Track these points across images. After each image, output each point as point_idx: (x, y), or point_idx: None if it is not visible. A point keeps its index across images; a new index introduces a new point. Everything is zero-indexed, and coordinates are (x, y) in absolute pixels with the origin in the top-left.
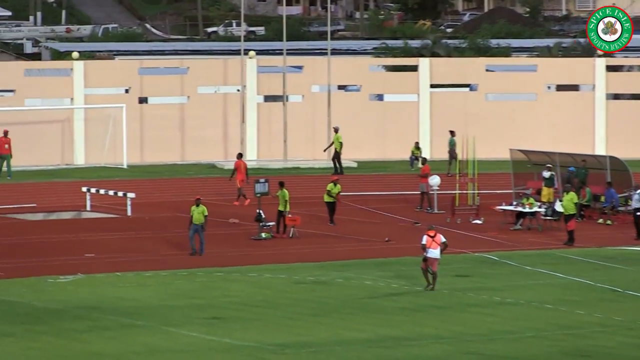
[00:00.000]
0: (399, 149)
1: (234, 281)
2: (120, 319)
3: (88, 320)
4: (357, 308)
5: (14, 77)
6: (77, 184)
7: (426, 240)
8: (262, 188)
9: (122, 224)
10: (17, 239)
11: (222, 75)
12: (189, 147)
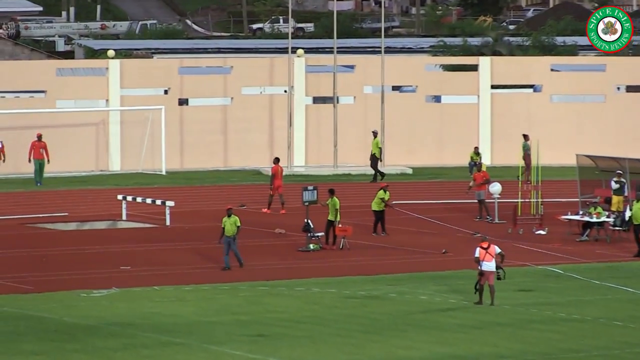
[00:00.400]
0: (457, 154)
1: (280, 296)
2: (157, 336)
3: (123, 337)
4: (412, 324)
5: (45, 77)
6: (112, 191)
7: (479, 252)
8: (311, 196)
9: (160, 234)
10: (48, 250)
11: (268, 75)
12: (232, 152)
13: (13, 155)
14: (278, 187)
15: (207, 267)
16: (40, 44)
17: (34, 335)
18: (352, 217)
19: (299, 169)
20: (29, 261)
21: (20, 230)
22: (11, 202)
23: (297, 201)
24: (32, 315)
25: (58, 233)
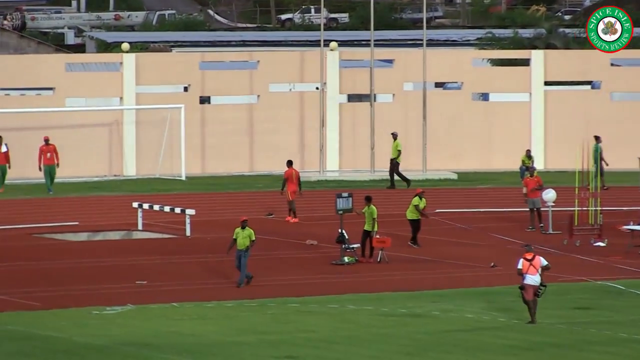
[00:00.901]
0: (507, 158)
1: (312, 313)
2: (177, 358)
3: (138, 359)
4: (457, 345)
5: (54, 73)
6: (127, 198)
7: (522, 264)
8: (345, 204)
9: (179, 245)
10: (56, 263)
11: (298, 71)
12: (258, 155)
13: (19, 159)
14: (293, 192)
15: (230, 282)
16: (48, 37)
17: (41, 356)
18: (390, 227)
19: (332, 174)
20: (36, 275)
21: (26, 241)
22: (17, 211)
23: (330, 209)
24: (39, 335)
25: (68, 244)
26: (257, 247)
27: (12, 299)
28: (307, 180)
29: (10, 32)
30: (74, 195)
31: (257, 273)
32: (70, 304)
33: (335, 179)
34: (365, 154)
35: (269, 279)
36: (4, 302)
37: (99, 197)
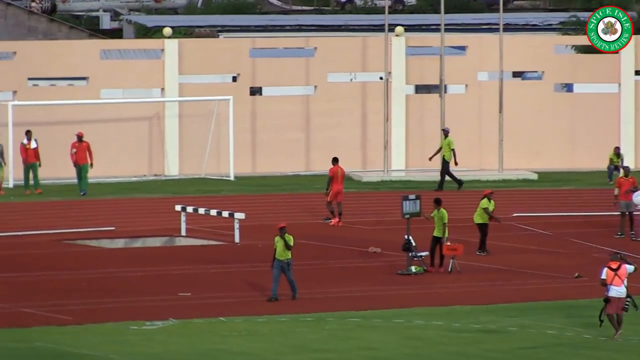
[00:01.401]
0: (593, 156)
1: (374, 329)
2: None
3: None
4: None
5: (87, 61)
6: (168, 201)
7: (607, 274)
8: (412, 207)
9: (227, 253)
10: (91, 272)
11: (360, 59)
12: (315, 152)
13: (48, 157)
14: (338, 194)
15: (284, 294)
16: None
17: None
18: (461, 233)
19: (397, 174)
20: (67, 286)
21: (56, 248)
22: (47, 214)
23: (395, 213)
24: (71, 352)
25: (103, 251)
26: (314, 256)
27: (41, 313)
28: (370, 181)
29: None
30: (110, 198)
31: (313, 284)
32: (105, 319)
33: (400, 179)
34: (434, 151)
35: (327, 291)
36: (32, 316)
37: (138, 199)
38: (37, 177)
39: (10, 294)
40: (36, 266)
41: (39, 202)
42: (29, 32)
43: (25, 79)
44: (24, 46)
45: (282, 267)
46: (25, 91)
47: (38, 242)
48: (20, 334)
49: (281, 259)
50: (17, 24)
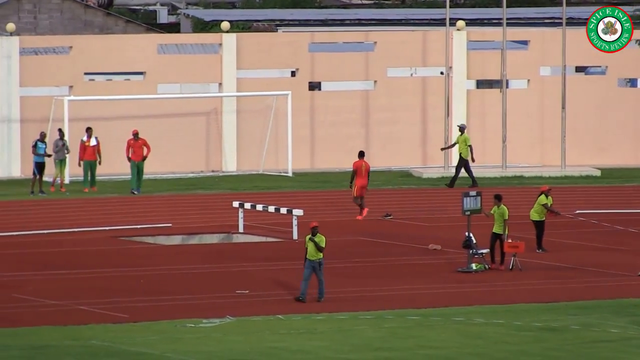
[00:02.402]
0: None
1: (434, 328)
2: None
3: None
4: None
5: (144, 56)
6: (226, 197)
7: None
8: (473, 204)
9: (285, 250)
10: (147, 270)
11: (420, 53)
12: (375, 148)
13: (105, 153)
14: (362, 188)
15: (344, 291)
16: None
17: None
18: (521, 230)
19: None
20: (123, 283)
21: (112, 245)
22: (102, 210)
23: (455, 210)
24: (127, 350)
25: (159, 249)
26: (373, 253)
27: (96, 310)
28: (430, 177)
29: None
30: (166, 194)
31: (372, 281)
32: (161, 316)
33: (461, 176)
34: (495, 147)
35: (387, 289)
36: (87, 313)
37: (195, 195)
38: (94, 176)
39: (66, 291)
40: (92, 263)
41: (95, 199)
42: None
43: (81, 74)
44: (81, 40)
45: (314, 267)
46: (81, 86)
47: (94, 238)
48: (76, 331)
49: (312, 259)
50: (73, 18)
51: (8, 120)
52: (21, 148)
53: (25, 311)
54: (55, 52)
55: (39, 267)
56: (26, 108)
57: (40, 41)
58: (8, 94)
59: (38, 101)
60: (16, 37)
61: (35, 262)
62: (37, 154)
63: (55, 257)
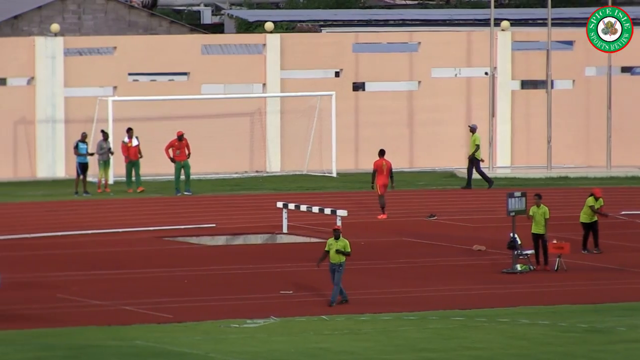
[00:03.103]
0: None
1: (479, 329)
2: None
3: None
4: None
5: (188, 56)
6: (270, 197)
7: None
8: (518, 204)
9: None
10: (191, 270)
11: (465, 54)
12: (419, 149)
13: (148, 153)
14: (383, 186)
15: (388, 292)
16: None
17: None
18: (565, 231)
19: (502, 171)
20: (167, 283)
21: (156, 245)
22: (146, 211)
23: (500, 211)
24: (171, 351)
25: (203, 249)
26: (417, 254)
27: (141, 311)
28: (474, 178)
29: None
30: (210, 194)
31: (417, 282)
32: (206, 317)
33: (506, 176)
34: (540, 147)
35: (431, 289)
36: (132, 313)
37: (239, 196)
38: (139, 175)
39: (111, 291)
40: (136, 263)
41: (139, 199)
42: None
43: (125, 74)
44: (125, 41)
45: (334, 269)
46: (125, 86)
47: (138, 239)
48: (121, 331)
49: (334, 262)
50: (117, 18)
51: (52, 121)
52: (65, 148)
53: (70, 311)
54: (100, 53)
55: (84, 268)
56: (70, 108)
57: (84, 42)
58: (52, 94)
59: (82, 102)
60: (60, 37)
61: (80, 262)
62: (79, 154)
63: (100, 258)
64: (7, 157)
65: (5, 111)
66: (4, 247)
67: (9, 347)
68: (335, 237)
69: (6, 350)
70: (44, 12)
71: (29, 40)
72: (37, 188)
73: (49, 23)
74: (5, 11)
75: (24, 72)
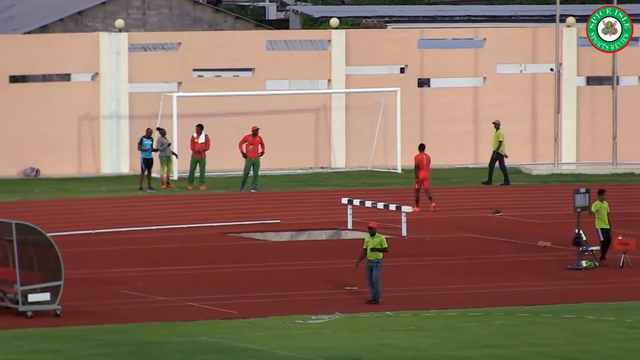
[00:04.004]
0: None
1: (544, 325)
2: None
3: None
4: None
5: (253, 52)
6: (335, 193)
7: None
8: (584, 200)
9: (394, 246)
10: (256, 266)
11: (530, 50)
12: (484, 145)
13: (214, 149)
14: (424, 180)
15: (452, 288)
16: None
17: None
18: (630, 227)
19: (568, 167)
20: (232, 279)
21: (221, 241)
22: (211, 207)
23: (565, 207)
24: (236, 347)
25: (268, 245)
26: (483, 250)
27: (205, 306)
28: (539, 174)
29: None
30: (275, 190)
31: (482, 278)
32: (270, 312)
33: (571, 173)
34: (606, 144)
35: (496, 285)
36: (196, 309)
37: (304, 192)
38: (204, 173)
39: (175, 287)
40: (201, 259)
41: (204, 195)
42: (194, 23)
43: (190, 70)
44: (189, 37)
45: (372, 266)
46: (190, 82)
47: (203, 235)
48: (185, 327)
49: (372, 259)
50: (182, 14)
51: (117, 117)
52: (130, 144)
53: (134, 307)
54: (164, 49)
55: (148, 264)
56: (134, 104)
57: (149, 37)
58: (117, 90)
59: (146, 97)
60: (125, 33)
61: (144, 258)
62: (143, 150)
63: (164, 254)
64: (71, 153)
65: (70, 107)
66: (68, 243)
67: (74, 343)
68: (371, 234)
69: (72, 347)
70: (108, 7)
71: (94, 36)
72: (101, 184)
73: (113, 19)
74: (70, 7)
75: (88, 68)
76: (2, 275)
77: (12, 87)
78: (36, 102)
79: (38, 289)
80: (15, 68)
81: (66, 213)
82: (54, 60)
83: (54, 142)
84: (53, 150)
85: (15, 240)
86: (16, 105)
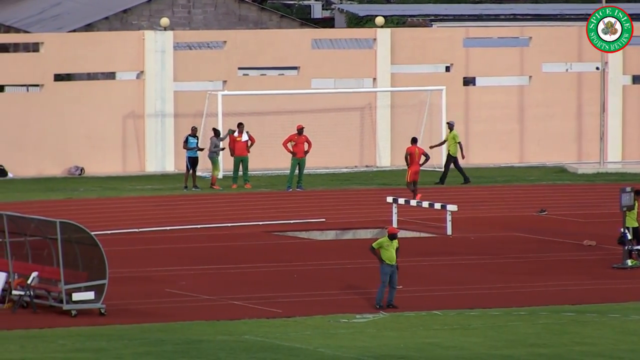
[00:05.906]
0: None
1: (590, 324)
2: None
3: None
4: None
5: (298, 50)
6: (380, 192)
7: None
8: (630, 200)
9: (439, 245)
10: (300, 265)
11: (576, 48)
12: (529, 144)
13: (258, 148)
14: (415, 173)
15: (498, 287)
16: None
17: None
18: None
19: (613, 166)
20: (277, 278)
21: (266, 240)
22: (256, 205)
23: (611, 206)
24: (280, 345)
25: (313, 243)
26: (528, 249)
27: (250, 305)
28: (585, 173)
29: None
30: (320, 189)
31: (526, 277)
32: (315, 311)
33: (617, 172)
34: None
35: (541, 284)
36: (241, 308)
37: (349, 190)
38: (247, 171)
39: (220, 286)
40: (246, 258)
41: (248, 193)
42: (239, 21)
43: (235, 69)
44: (235, 35)
45: (393, 271)
46: (235, 81)
47: (248, 233)
48: (230, 326)
49: (392, 264)
50: (227, 12)
51: (162, 115)
52: (175, 143)
53: (179, 306)
54: (209, 47)
55: (193, 262)
56: (180, 103)
57: (194, 36)
58: (162, 88)
59: (192, 96)
60: (170, 31)
61: (188, 257)
62: (189, 149)
63: (209, 252)
64: (116, 152)
65: (115, 105)
66: (113, 242)
67: (119, 342)
68: (392, 238)
69: (116, 345)
70: (153, 6)
71: (139, 35)
72: (146, 182)
73: (158, 17)
74: (115, 5)
75: (134, 66)
76: (47, 273)
77: (57, 86)
78: (81, 100)
79: (82, 287)
80: (61, 66)
81: (111, 212)
82: (99, 59)
83: (98, 141)
84: (98, 148)
85: (59, 238)
86: (61, 103)
